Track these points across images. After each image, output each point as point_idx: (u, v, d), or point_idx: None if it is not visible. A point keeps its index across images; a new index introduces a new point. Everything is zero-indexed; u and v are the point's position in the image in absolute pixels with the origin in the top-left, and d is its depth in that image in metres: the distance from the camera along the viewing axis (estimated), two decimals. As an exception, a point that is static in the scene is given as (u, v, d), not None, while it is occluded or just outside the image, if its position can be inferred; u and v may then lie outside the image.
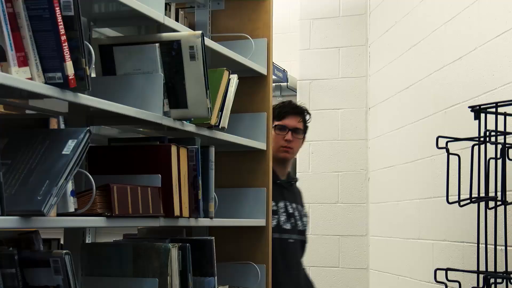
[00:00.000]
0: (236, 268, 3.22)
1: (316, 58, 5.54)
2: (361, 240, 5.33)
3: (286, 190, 3.58)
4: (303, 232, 3.61)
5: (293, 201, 3.59)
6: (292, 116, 3.60)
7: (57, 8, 1.94)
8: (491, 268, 2.73)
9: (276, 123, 3.55)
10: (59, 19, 1.94)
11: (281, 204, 3.52)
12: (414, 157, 4.36)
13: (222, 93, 2.90)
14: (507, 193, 2.74)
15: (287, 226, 3.50)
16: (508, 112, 2.75)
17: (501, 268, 2.75)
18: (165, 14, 2.60)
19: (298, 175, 5.36)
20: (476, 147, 2.78)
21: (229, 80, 2.96)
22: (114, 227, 2.33)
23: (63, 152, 1.94)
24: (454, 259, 3.59)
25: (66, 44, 1.96)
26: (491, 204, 2.74)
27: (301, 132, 3.62)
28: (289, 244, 3.50)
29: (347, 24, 5.47)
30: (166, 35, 2.59)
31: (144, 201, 2.37)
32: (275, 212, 3.41)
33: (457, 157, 2.86)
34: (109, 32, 2.96)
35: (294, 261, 3.55)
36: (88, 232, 2.74)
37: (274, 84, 5.09)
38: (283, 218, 3.50)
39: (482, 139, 2.75)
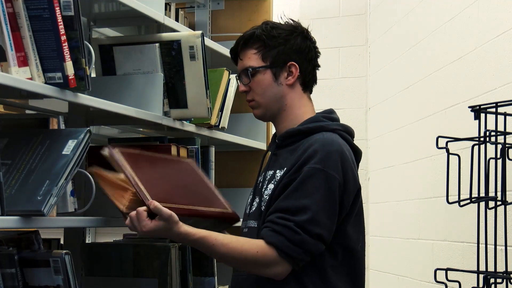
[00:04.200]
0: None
1: (316, 58, 5.53)
2: (361, 240, 5.31)
3: (274, 156, 2.24)
4: (254, 216, 2.19)
5: (272, 168, 2.21)
6: (239, 57, 2.26)
7: (57, 8, 1.94)
8: (491, 268, 2.73)
9: None
10: (59, 19, 1.94)
11: (260, 178, 2.26)
12: (414, 157, 4.35)
13: (222, 93, 2.90)
14: (507, 193, 2.74)
15: (247, 209, 2.27)
16: (508, 112, 2.75)
17: (501, 268, 2.75)
18: (165, 14, 2.60)
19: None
20: (476, 147, 2.78)
21: (229, 80, 2.95)
22: (114, 227, 2.33)
23: (63, 152, 1.94)
24: (454, 259, 3.59)
25: (66, 44, 1.96)
26: (491, 204, 2.74)
27: (249, 73, 2.20)
28: (243, 236, 2.21)
29: (347, 24, 5.46)
30: (166, 35, 2.59)
31: (144, 201, 2.37)
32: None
33: (457, 157, 2.86)
34: (109, 32, 2.96)
35: None
36: (88, 232, 2.74)
37: (274, 84, 5.07)
38: (250, 198, 2.28)
39: (482, 139, 2.75)
